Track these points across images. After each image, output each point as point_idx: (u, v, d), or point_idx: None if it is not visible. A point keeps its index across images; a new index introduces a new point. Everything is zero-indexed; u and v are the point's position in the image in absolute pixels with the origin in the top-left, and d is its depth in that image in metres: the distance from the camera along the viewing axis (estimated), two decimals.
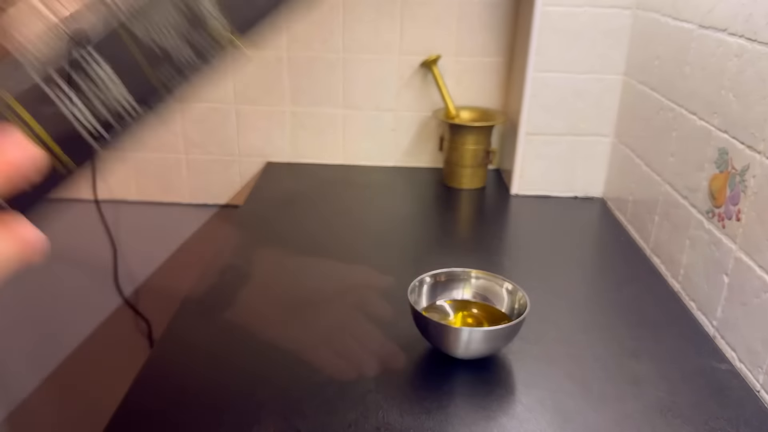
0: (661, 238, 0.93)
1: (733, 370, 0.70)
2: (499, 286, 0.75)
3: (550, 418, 0.62)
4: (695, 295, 0.82)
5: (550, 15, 1.05)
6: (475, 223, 1.10)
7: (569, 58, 1.08)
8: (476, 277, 0.76)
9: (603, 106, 1.11)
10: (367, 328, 0.75)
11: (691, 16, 0.86)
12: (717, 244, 0.77)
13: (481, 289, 0.76)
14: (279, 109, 1.28)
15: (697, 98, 0.83)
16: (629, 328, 0.78)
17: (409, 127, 1.29)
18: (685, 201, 0.86)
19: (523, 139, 1.14)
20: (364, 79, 1.25)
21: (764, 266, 0.67)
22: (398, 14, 1.21)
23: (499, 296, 0.75)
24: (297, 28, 1.21)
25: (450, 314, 0.75)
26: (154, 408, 0.63)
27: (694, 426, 0.62)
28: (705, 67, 0.82)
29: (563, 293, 0.85)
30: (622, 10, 1.05)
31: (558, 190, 1.18)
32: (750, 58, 0.71)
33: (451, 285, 0.76)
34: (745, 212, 0.71)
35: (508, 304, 0.74)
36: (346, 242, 0.99)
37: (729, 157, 0.75)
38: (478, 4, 1.20)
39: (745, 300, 0.71)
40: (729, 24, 0.76)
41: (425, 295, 0.75)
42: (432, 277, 0.75)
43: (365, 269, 0.90)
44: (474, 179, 1.21)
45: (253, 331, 0.75)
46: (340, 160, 1.32)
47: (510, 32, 1.22)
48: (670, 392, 0.66)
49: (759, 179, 0.69)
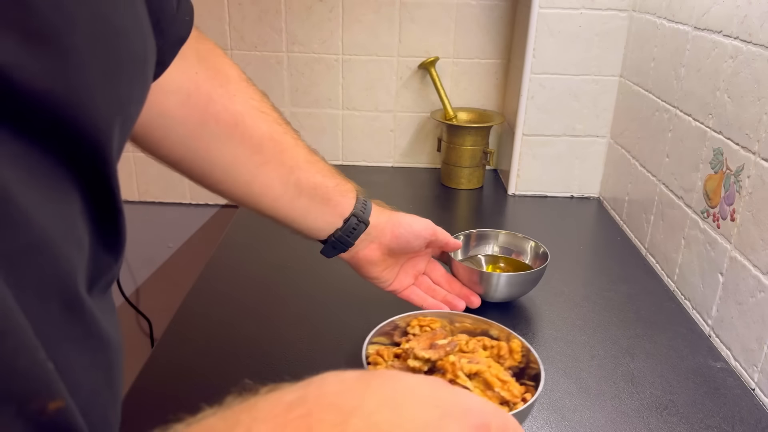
0: (657, 237, 0.94)
1: (728, 369, 0.71)
2: (524, 242, 0.87)
3: (547, 416, 0.63)
4: (690, 295, 0.83)
5: (546, 17, 1.06)
6: (473, 223, 1.11)
7: (566, 59, 1.09)
8: (504, 234, 0.88)
9: (599, 107, 1.12)
10: (367, 327, 0.75)
11: (686, 18, 0.86)
12: (712, 243, 0.78)
13: (509, 245, 0.88)
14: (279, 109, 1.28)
15: (693, 99, 0.84)
16: (625, 327, 0.78)
17: (407, 127, 1.30)
18: (680, 201, 0.87)
19: (520, 139, 1.15)
20: (362, 80, 1.26)
21: (759, 266, 0.68)
22: (397, 16, 1.21)
23: (524, 251, 0.86)
24: (296, 29, 1.22)
25: (483, 266, 0.87)
26: (155, 407, 0.63)
27: (690, 424, 0.62)
28: (700, 69, 0.82)
29: (560, 292, 0.85)
30: (618, 12, 1.06)
31: (555, 190, 1.19)
32: (745, 60, 0.72)
33: (482, 242, 0.88)
34: (740, 212, 0.72)
35: (531, 257, 0.85)
36: None
37: (724, 158, 0.76)
38: (475, 6, 1.20)
39: (740, 299, 0.71)
40: (724, 26, 0.77)
41: (460, 250, 0.86)
42: (465, 236, 0.87)
43: None
44: (472, 179, 1.21)
45: (253, 331, 0.76)
46: (339, 160, 1.32)
47: (507, 34, 1.22)
48: (666, 390, 0.67)
49: (753, 179, 0.69)
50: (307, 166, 0.64)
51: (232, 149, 0.59)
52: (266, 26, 1.22)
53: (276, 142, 0.61)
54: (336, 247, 0.68)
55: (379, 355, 0.53)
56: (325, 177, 0.65)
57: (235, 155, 0.59)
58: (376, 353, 0.53)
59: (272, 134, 0.61)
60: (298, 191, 0.63)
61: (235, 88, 0.59)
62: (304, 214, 0.65)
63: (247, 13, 1.21)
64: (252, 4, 1.20)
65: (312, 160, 0.65)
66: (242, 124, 0.59)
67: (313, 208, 0.65)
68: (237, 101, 0.59)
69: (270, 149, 0.61)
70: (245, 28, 1.22)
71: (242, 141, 0.59)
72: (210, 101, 0.57)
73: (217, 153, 0.58)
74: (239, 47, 1.23)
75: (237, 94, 0.59)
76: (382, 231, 0.70)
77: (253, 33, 1.22)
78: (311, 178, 0.64)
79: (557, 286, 0.87)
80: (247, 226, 1.05)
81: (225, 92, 0.58)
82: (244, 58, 1.24)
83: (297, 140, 0.64)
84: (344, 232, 0.67)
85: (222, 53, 0.61)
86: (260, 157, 0.60)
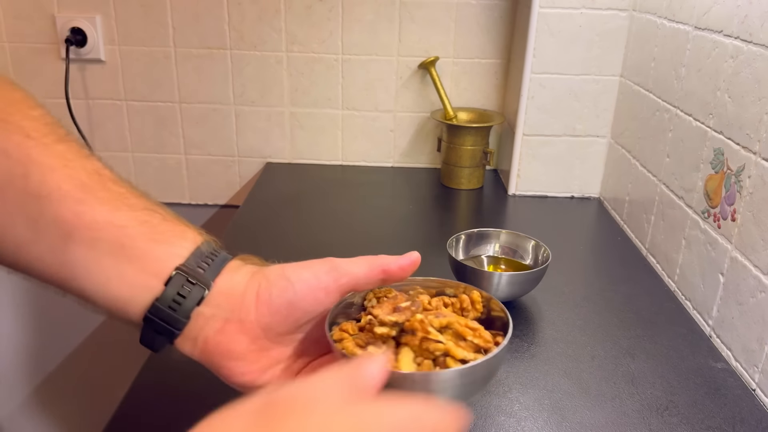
0: (657, 238, 0.94)
1: (729, 369, 0.71)
2: (526, 242, 0.86)
3: (547, 417, 0.62)
4: (691, 295, 0.83)
5: (547, 17, 1.06)
6: (473, 223, 1.11)
7: (566, 59, 1.08)
8: (506, 234, 0.87)
9: (599, 107, 1.12)
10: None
11: (687, 18, 0.86)
12: (713, 243, 0.78)
13: (510, 245, 0.87)
14: (278, 109, 1.28)
15: (693, 99, 0.84)
16: (625, 327, 0.78)
17: (407, 127, 1.30)
18: (680, 201, 0.87)
19: (521, 139, 1.15)
20: (362, 80, 1.26)
21: (760, 266, 0.68)
22: (396, 16, 1.21)
23: (526, 251, 0.86)
24: (296, 29, 1.22)
25: (484, 266, 0.86)
26: (155, 408, 0.63)
27: (691, 425, 0.62)
28: (701, 69, 0.82)
29: (560, 292, 0.85)
30: (619, 11, 1.05)
31: (555, 190, 1.18)
32: (745, 60, 0.72)
33: (483, 241, 0.87)
34: (741, 212, 0.72)
35: (533, 257, 0.85)
36: (344, 242, 0.99)
37: (724, 158, 0.76)
38: (475, 6, 1.20)
39: (740, 299, 0.71)
40: (725, 25, 0.76)
41: (461, 250, 0.86)
42: (466, 236, 0.86)
43: None
44: (472, 180, 1.21)
45: None
46: (339, 160, 1.32)
47: (507, 34, 1.22)
48: (667, 391, 0.67)
49: (754, 179, 0.69)
50: (80, 195, 0.40)
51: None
52: (266, 26, 1.22)
53: (14, 159, 0.40)
54: (161, 330, 0.43)
55: (344, 331, 0.45)
56: (116, 212, 0.41)
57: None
58: (340, 329, 0.45)
59: (8, 146, 0.40)
60: (63, 234, 0.40)
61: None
62: (83, 273, 0.41)
63: (247, 13, 1.21)
64: (251, 4, 1.20)
65: (95, 188, 0.41)
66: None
67: (97, 262, 0.41)
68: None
69: (3, 167, 0.39)
70: (245, 27, 1.22)
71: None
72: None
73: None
74: (239, 47, 1.23)
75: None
76: (242, 299, 0.43)
77: (252, 33, 1.22)
78: (86, 213, 0.40)
79: (557, 286, 0.86)
80: (246, 226, 1.04)
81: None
82: (243, 58, 1.24)
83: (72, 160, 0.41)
84: (165, 303, 0.42)
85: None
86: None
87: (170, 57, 1.25)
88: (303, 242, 0.99)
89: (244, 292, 0.43)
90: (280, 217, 1.08)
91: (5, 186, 0.39)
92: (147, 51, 1.24)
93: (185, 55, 1.24)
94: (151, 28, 1.23)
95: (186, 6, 1.21)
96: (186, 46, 1.24)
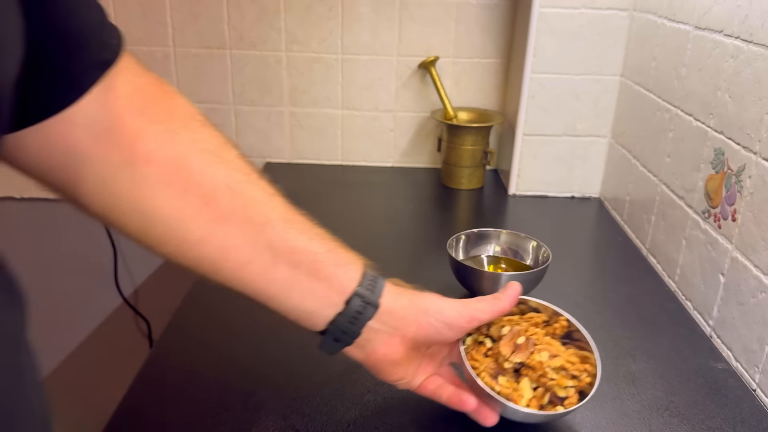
0: (658, 238, 0.94)
1: (729, 369, 0.71)
2: (526, 242, 0.86)
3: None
4: (692, 295, 0.83)
5: (547, 16, 1.06)
6: (473, 223, 1.10)
7: (566, 59, 1.08)
8: (506, 234, 0.87)
9: (600, 107, 1.12)
10: None
11: (687, 18, 0.86)
12: (713, 244, 0.78)
13: (510, 245, 0.87)
14: (278, 109, 1.28)
15: (694, 99, 0.84)
16: (626, 327, 0.78)
17: (407, 127, 1.30)
18: (681, 201, 0.87)
19: (521, 139, 1.14)
20: (362, 79, 1.26)
21: (760, 266, 0.68)
22: (396, 15, 1.21)
23: (526, 251, 0.86)
24: (295, 28, 1.22)
25: (484, 266, 0.86)
26: (154, 408, 0.63)
27: (691, 425, 0.62)
28: (701, 69, 0.82)
29: (560, 293, 0.85)
30: (619, 11, 1.05)
31: (555, 190, 1.18)
32: (746, 59, 0.72)
33: (483, 241, 0.87)
34: (741, 212, 0.72)
35: (533, 257, 0.85)
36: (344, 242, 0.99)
37: (725, 158, 0.76)
38: (475, 5, 1.20)
39: (741, 300, 0.71)
40: (725, 25, 0.76)
41: (461, 250, 0.86)
42: (466, 236, 0.86)
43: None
44: (472, 179, 1.21)
45: (252, 331, 0.75)
46: (338, 160, 1.32)
47: (508, 34, 1.22)
48: (667, 391, 0.67)
49: (755, 179, 0.69)
50: (284, 225, 0.50)
51: (172, 199, 0.46)
52: (265, 25, 1.22)
53: (236, 193, 0.48)
54: (339, 338, 0.53)
55: (475, 360, 0.59)
56: (311, 240, 0.51)
57: (179, 207, 0.47)
58: (471, 358, 0.59)
59: (230, 183, 0.48)
60: (273, 257, 0.49)
61: (180, 126, 0.48)
62: (285, 289, 0.50)
63: (246, 13, 1.21)
64: (251, 3, 1.20)
65: (293, 220, 0.51)
66: (185, 168, 0.46)
67: (298, 281, 0.50)
68: (180, 141, 0.47)
69: (227, 201, 0.48)
70: (244, 27, 1.22)
71: (186, 189, 0.46)
72: (139, 138, 0.45)
73: (151, 203, 0.46)
74: (238, 46, 1.23)
75: (181, 133, 0.47)
76: (404, 320, 0.54)
77: (252, 32, 1.22)
78: (290, 240, 0.50)
79: (558, 286, 0.86)
80: None
81: (164, 129, 0.46)
82: (242, 58, 1.24)
83: (272, 195, 0.51)
84: (346, 318, 0.51)
85: (175, 92, 0.49)
86: (213, 211, 0.47)
87: (169, 56, 1.24)
88: None
89: (405, 315, 0.54)
90: None
91: (230, 215, 0.48)
92: (146, 50, 1.24)
93: (184, 54, 1.24)
94: (150, 28, 1.23)
95: (185, 5, 1.21)
96: (185, 45, 1.23)
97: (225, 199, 0.48)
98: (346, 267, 0.53)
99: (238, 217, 0.48)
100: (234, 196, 0.48)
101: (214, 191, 0.47)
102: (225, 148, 0.49)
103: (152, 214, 0.46)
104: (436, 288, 0.57)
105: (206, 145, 0.48)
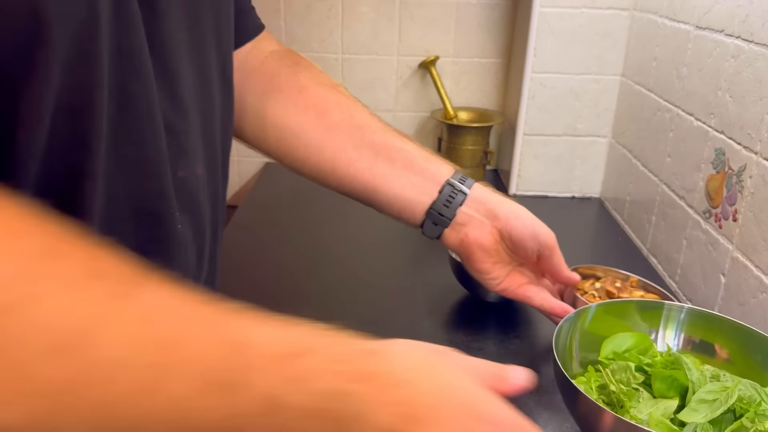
0: (659, 238, 0.93)
1: None
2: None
3: (548, 417, 0.62)
4: (692, 295, 0.83)
5: (547, 16, 1.06)
6: None
7: (567, 59, 1.08)
8: None
9: (600, 106, 1.12)
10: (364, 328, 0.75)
11: (688, 17, 0.86)
12: (714, 244, 0.78)
13: None
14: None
15: (694, 99, 0.84)
16: None
17: (407, 127, 1.29)
18: (681, 201, 0.86)
19: (521, 139, 1.14)
20: (362, 79, 1.25)
21: (761, 266, 0.68)
22: (397, 15, 1.21)
23: None
24: (295, 28, 1.22)
25: None
26: None
27: None
28: (702, 68, 0.82)
29: None
30: (620, 11, 1.05)
31: (556, 190, 1.18)
32: (747, 59, 0.72)
33: None
34: (742, 212, 0.72)
35: None
36: (344, 242, 0.99)
37: (726, 158, 0.75)
38: (476, 5, 1.20)
39: (742, 300, 0.71)
40: (726, 25, 0.76)
41: None
42: None
43: (363, 269, 0.90)
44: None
45: None
46: None
47: (508, 33, 1.22)
48: None
49: (755, 179, 0.69)
50: (382, 130, 0.62)
51: (296, 115, 0.61)
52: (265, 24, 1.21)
53: (344, 107, 0.62)
54: (437, 221, 0.62)
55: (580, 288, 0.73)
56: (405, 143, 0.62)
57: (302, 120, 0.61)
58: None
59: (339, 101, 0.63)
60: (374, 153, 0.61)
61: (303, 68, 0.64)
62: (386, 180, 0.61)
63: None
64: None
65: (389, 129, 0.63)
66: (306, 91, 0.62)
67: (396, 174, 0.61)
68: (302, 76, 0.63)
69: (337, 112, 0.62)
70: None
71: (306, 107, 0.61)
72: (274, 75, 0.62)
73: (283, 119, 0.61)
74: None
75: (303, 73, 0.63)
76: (495, 212, 0.62)
77: None
78: (387, 141, 0.62)
79: None
80: (246, 226, 1.04)
81: (291, 70, 0.63)
82: None
83: (373, 114, 0.64)
84: (441, 202, 0.61)
85: (298, 54, 0.66)
86: (327, 120, 0.61)
87: None
88: (302, 242, 0.99)
89: (496, 208, 0.62)
90: (279, 217, 1.08)
91: (340, 123, 0.61)
92: None
93: None
94: None
95: None
96: None
97: (335, 112, 0.62)
98: (437, 163, 0.63)
99: (346, 125, 0.61)
100: (341, 110, 0.62)
101: (327, 106, 0.62)
102: (335, 83, 0.65)
103: (284, 127, 0.61)
104: (436, 288, 0.57)
105: (322, 79, 0.64)
